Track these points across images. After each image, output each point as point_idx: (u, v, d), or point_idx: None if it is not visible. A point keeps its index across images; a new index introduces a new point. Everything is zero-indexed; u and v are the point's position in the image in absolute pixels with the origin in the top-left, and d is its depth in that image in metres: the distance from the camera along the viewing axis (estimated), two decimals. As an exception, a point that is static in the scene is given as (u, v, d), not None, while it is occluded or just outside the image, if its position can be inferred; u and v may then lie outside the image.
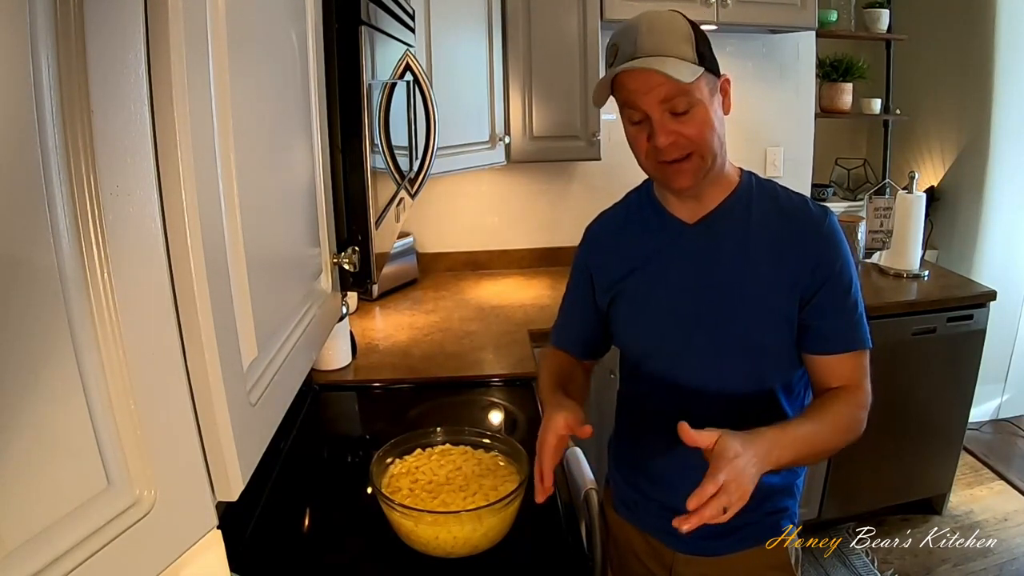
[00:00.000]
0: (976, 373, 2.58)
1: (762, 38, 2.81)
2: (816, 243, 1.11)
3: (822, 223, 1.12)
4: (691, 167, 1.06)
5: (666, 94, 1.02)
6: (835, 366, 1.13)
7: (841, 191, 3.50)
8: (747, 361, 1.14)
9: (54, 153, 0.36)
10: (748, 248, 1.12)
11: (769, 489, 1.20)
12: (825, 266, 1.10)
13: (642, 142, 1.07)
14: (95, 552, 0.39)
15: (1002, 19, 2.99)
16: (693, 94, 1.03)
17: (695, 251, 1.15)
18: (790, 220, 1.13)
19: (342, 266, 0.87)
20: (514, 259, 2.90)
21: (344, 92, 0.85)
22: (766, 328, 1.13)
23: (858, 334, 1.13)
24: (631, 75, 1.03)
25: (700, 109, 1.04)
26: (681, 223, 1.17)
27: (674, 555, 1.25)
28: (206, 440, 0.50)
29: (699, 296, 1.14)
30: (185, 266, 0.46)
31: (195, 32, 0.47)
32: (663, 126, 1.03)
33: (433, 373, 1.93)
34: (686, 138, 1.04)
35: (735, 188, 1.15)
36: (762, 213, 1.14)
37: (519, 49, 2.34)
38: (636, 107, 1.05)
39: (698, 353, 1.15)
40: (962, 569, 2.51)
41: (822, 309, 1.11)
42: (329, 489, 1.44)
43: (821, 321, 1.11)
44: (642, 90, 1.03)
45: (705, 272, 1.14)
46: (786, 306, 1.11)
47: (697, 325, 1.14)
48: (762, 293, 1.11)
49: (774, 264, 1.11)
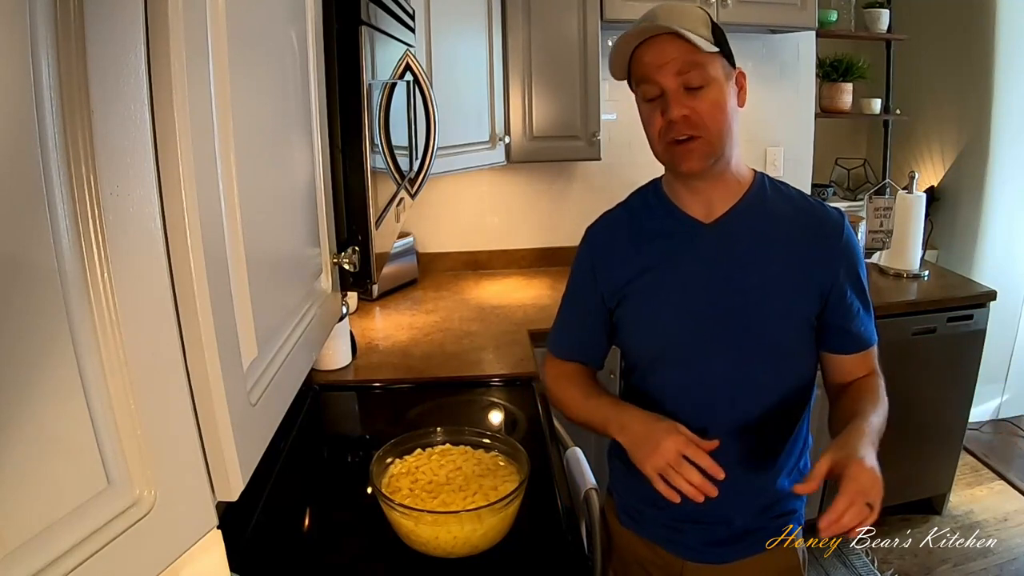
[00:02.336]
0: (976, 373, 2.58)
1: (762, 38, 2.81)
2: (839, 245, 1.12)
3: (841, 225, 1.13)
4: (699, 149, 1.06)
5: (681, 66, 1.03)
6: (855, 363, 1.17)
7: (841, 191, 3.50)
8: (768, 363, 1.13)
9: (54, 153, 0.36)
10: (768, 248, 1.12)
11: (778, 494, 1.19)
12: (849, 269, 1.12)
13: (656, 120, 1.07)
14: (95, 552, 0.39)
15: (1002, 19, 2.99)
16: (708, 71, 1.04)
17: (712, 251, 1.13)
18: (809, 221, 1.13)
19: (342, 266, 0.87)
20: (514, 259, 2.90)
21: (344, 92, 0.85)
22: (788, 329, 1.12)
23: (872, 331, 1.18)
24: (648, 48, 1.05)
25: (714, 88, 1.05)
26: (696, 222, 1.15)
27: (683, 564, 1.23)
28: (206, 440, 0.50)
29: (718, 297, 1.12)
30: (185, 266, 0.46)
31: (195, 32, 0.47)
32: (677, 99, 1.04)
33: (433, 373, 1.93)
34: (698, 114, 1.04)
35: (750, 188, 1.15)
36: (780, 213, 1.13)
37: (519, 49, 2.34)
38: (652, 81, 1.06)
39: (717, 356, 1.13)
40: (962, 569, 2.51)
41: (848, 310, 1.13)
42: (329, 489, 1.44)
43: (844, 321, 1.14)
44: (657, 62, 1.04)
45: (724, 273, 1.12)
46: (808, 307, 1.12)
47: (716, 327, 1.12)
48: (784, 294, 1.11)
49: (794, 265, 1.11)
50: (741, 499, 1.17)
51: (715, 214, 1.14)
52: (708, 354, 1.14)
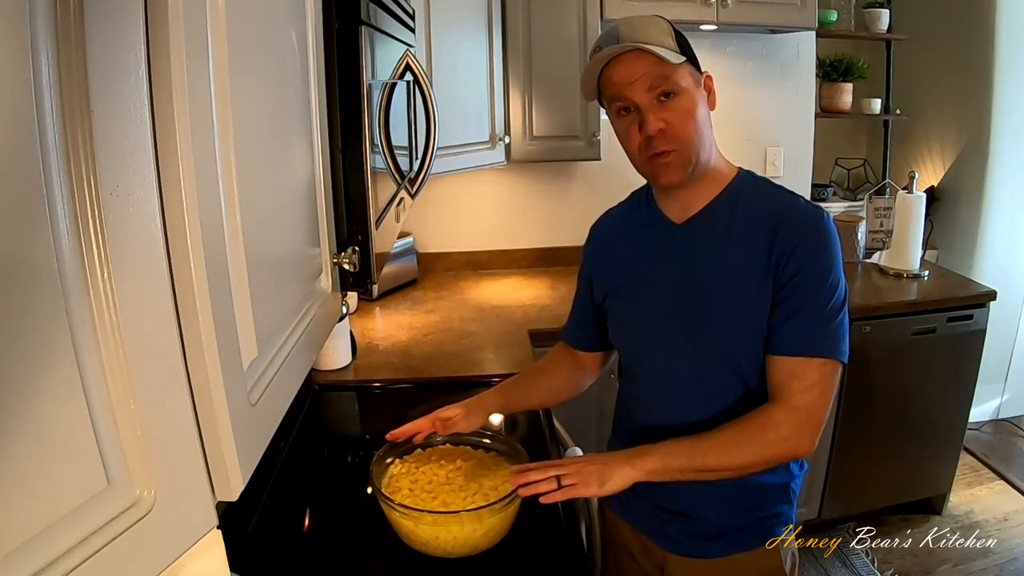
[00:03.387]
0: (976, 373, 2.58)
1: (762, 38, 2.81)
2: (796, 233, 1.06)
3: (809, 219, 1.08)
4: (676, 161, 1.07)
5: (652, 82, 1.04)
6: (779, 369, 1.07)
7: (841, 191, 3.50)
8: (727, 363, 1.13)
9: (54, 153, 0.36)
10: (727, 248, 1.11)
11: (762, 491, 1.19)
12: (800, 260, 1.05)
13: (633, 135, 1.08)
14: (95, 552, 0.39)
15: (1002, 19, 2.99)
16: (678, 81, 1.05)
17: (679, 252, 1.15)
18: (774, 217, 1.09)
19: (342, 266, 0.87)
20: (514, 259, 2.90)
21: (344, 92, 0.85)
22: (745, 331, 1.10)
23: (827, 342, 1.05)
24: (616, 67, 1.05)
25: (685, 97, 1.06)
26: (670, 223, 1.17)
27: (665, 555, 1.24)
28: (206, 440, 0.50)
29: (681, 297, 1.14)
30: (185, 266, 0.46)
31: (195, 32, 0.47)
32: (652, 113, 1.05)
33: (433, 373, 1.93)
34: (671, 127, 1.05)
35: (725, 188, 1.14)
36: (747, 212, 1.11)
37: (519, 49, 2.34)
38: (624, 98, 1.06)
39: (682, 354, 1.15)
40: (962, 569, 2.51)
41: (783, 305, 1.06)
42: (329, 489, 1.44)
43: (779, 318, 1.07)
44: (628, 80, 1.05)
45: (687, 273, 1.14)
46: (764, 307, 1.08)
47: (680, 326, 1.14)
48: (741, 294, 1.09)
49: (752, 261, 1.08)
50: (719, 496, 1.17)
51: (688, 215, 1.15)
52: (675, 352, 1.16)
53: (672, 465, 1.07)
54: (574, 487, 1.05)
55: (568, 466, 1.08)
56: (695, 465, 1.07)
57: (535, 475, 1.07)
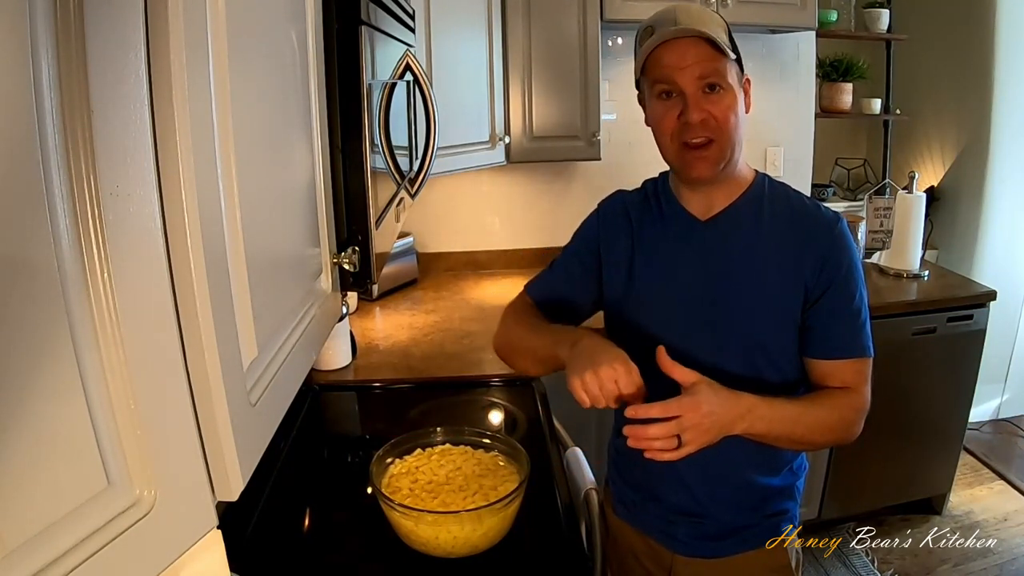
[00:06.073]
0: (976, 373, 2.58)
1: (762, 38, 2.81)
2: (825, 244, 1.11)
3: (833, 226, 1.12)
4: (712, 155, 1.07)
5: (702, 71, 1.04)
6: (831, 371, 1.12)
7: (841, 191, 3.50)
8: (748, 360, 1.14)
9: (54, 153, 0.36)
10: (759, 248, 1.13)
11: (768, 491, 1.20)
12: (832, 268, 1.10)
13: (670, 120, 1.08)
14: (95, 552, 0.39)
15: (1002, 19, 2.99)
16: (725, 75, 1.05)
17: (706, 248, 1.15)
18: (801, 222, 1.13)
19: (342, 266, 0.87)
20: (514, 259, 2.90)
21: (344, 92, 0.85)
22: (770, 329, 1.12)
23: (859, 342, 1.12)
24: (668, 50, 1.05)
25: (729, 94, 1.07)
26: (693, 218, 1.17)
27: (673, 557, 1.24)
28: (206, 440, 0.50)
29: (706, 293, 1.14)
30: (185, 266, 0.46)
31: (195, 32, 0.47)
32: (696, 102, 1.05)
33: (433, 373, 1.93)
34: (715, 119, 1.05)
35: (748, 187, 1.16)
36: (774, 214, 1.14)
37: (519, 49, 2.34)
38: (671, 82, 1.06)
39: (698, 350, 1.14)
40: (962, 569, 2.51)
41: (826, 312, 1.11)
42: (329, 489, 1.44)
43: (824, 324, 1.11)
44: (679, 64, 1.05)
45: (714, 270, 1.14)
46: (792, 307, 1.11)
47: (701, 322, 1.14)
48: (770, 293, 1.12)
49: (782, 265, 1.11)
50: (728, 495, 1.18)
51: (712, 212, 1.16)
52: (691, 348, 1.14)
53: (772, 432, 1.04)
54: (687, 446, 0.97)
55: (687, 417, 0.96)
56: (788, 436, 1.06)
57: (657, 430, 0.95)
